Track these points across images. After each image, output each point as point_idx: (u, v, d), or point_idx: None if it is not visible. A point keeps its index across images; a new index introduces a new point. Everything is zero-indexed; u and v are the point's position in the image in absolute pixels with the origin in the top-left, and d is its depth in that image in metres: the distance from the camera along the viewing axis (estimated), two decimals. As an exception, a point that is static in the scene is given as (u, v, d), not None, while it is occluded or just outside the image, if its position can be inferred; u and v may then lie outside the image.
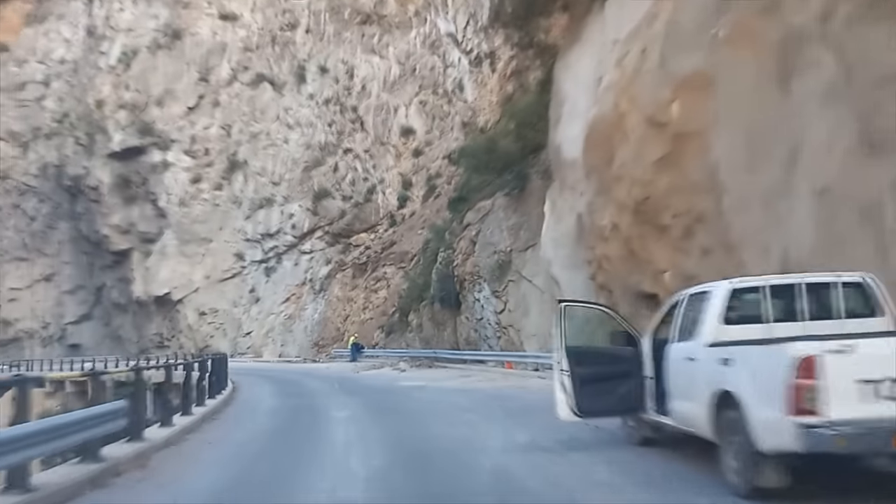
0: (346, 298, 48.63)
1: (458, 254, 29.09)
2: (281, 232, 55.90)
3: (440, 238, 36.43)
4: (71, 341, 68.46)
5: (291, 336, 51.62)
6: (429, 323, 33.91)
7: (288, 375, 27.91)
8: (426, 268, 37.47)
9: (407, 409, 14.29)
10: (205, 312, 56.05)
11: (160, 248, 58.18)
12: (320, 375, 27.46)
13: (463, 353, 27.65)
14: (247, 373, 30.23)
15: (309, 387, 21.84)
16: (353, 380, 24.26)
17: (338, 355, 41.60)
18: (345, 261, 51.90)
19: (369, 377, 25.24)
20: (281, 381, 25.38)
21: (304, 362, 40.62)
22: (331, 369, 31.70)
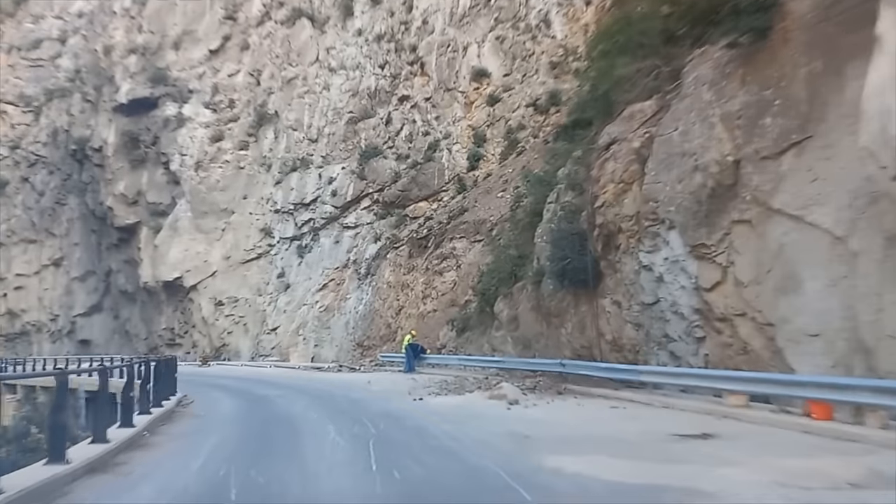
0: (401, 284, 36.13)
1: (597, 193, 16.15)
2: (318, 201, 43.83)
3: (542, 187, 23.72)
4: (81, 336, 58.46)
5: (328, 334, 39.43)
6: (530, 315, 21.12)
7: (295, 405, 15.44)
8: (521, 233, 24.84)
9: None
10: (222, 302, 44.37)
11: (171, 221, 46.85)
12: (352, 402, 14.95)
13: (621, 369, 14.62)
14: (235, 391, 18.16)
15: (308, 447, 9.22)
16: (414, 421, 11.60)
17: (386, 361, 29.12)
18: (399, 236, 39.42)
19: (448, 413, 12.53)
20: (269, 419, 12.95)
21: (340, 370, 28.24)
22: (373, 386, 19.10)
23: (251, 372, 30.70)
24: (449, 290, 31.69)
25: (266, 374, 28.04)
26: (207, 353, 40.92)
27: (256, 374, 28.49)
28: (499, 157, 41.40)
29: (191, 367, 37.84)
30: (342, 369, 28.14)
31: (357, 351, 37.05)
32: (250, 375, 27.67)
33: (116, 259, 52.58)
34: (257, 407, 14.94)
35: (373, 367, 28.50)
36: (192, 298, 45.57)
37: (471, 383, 17.54)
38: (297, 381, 22.75)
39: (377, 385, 19.15)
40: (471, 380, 18.92)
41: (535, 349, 20.46)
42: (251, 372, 30.70)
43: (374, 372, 26.26)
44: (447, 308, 30.55)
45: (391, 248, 39.15)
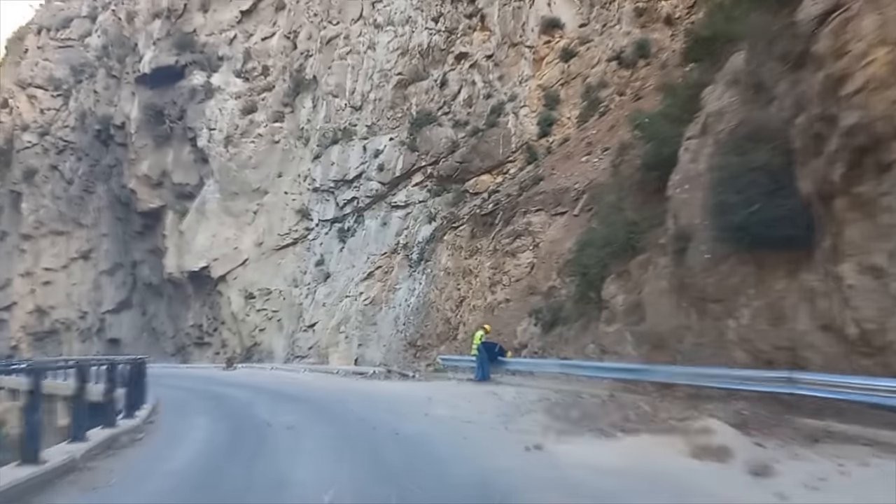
0: (461, 270, 29.65)
1: (839, 73, 9.21)
2: (363, 177, 37.66)
3: (669, 124, 16.99)
4: (110, 335, 53.75)
5: (374, 331, 33.18)
6: (665, 299, 14.38)
7: (300, 456, 8.84)
8: (632, 194, 18.23)
9: None
10: (253, 295, 38.55)
11: (199, 204, 41.28)
12: (407, 450, 8.38)
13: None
14: (232, 410, 11.80)
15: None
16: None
17: (448, 365, 22.59)
18: (458, 215, 32.95)
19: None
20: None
21: (388, 376, 21.86)
22: (437, 408, 12.43)
23: (278, 379, 24.59)
24: (525, 274, 25.02)
25: (294, 384, 21.82)
26: (233, 355, 35.11)
27: (283, 382, 22.33)
28: (576, 120, 34.55)
29: (212, 372, 32.07)
30: (391, 375, 21.74)
31: (409, 352, 30.73)
32: (273, 384, 21.53)
33: (141, 249, 47.44)
34: (235, 458, 8.53)
35: (430, 374, 22.01)
36: (220, 291, 39.88)
37: (596, 406, 10.89)
38: (328, 396, 16.43)
39: (443, 405, 12.60)
40: (587, 398, 12.29)
41: (677, 351, 13.66)
42: (278, 379, 24.59)
43: (434, 380, 19.76)
44: (525, 297, 23.89)
45: (449, 228, 32.67)
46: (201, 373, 31.49)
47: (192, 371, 33.48)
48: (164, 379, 27.97)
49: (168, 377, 29.27)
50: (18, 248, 62.22)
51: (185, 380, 26.09)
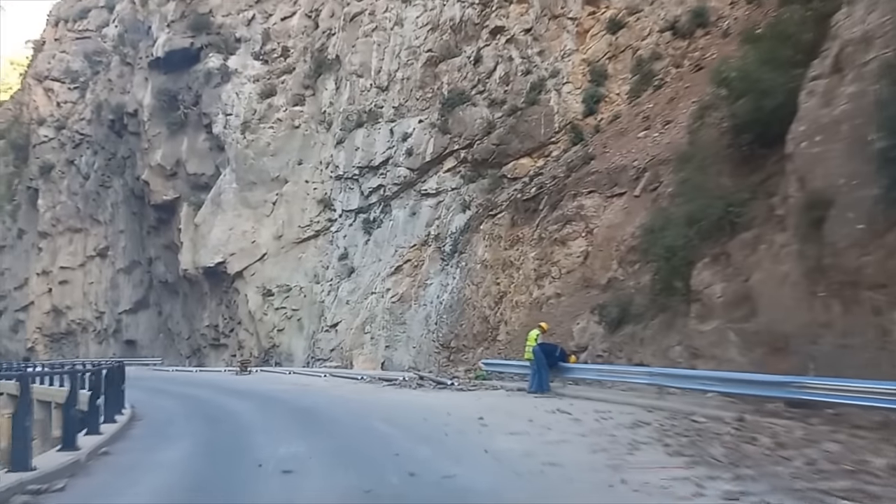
0: (501, 263, 26.32)
1: None
2: (390, 163, 34.49)
3: (772, 72, 13.49)
4: (127, 336, 51.42)
5: (403, 331, 29.97)
6: (787, 290, 10.91)
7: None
8: (719, 163, 14.76)
9: None
10: (271, 292, 35.57)
11: (214, 195, 38.45)
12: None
13: None
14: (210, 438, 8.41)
15: None
16: None
17: (492, 371, 19.21)
18: (495, 202, 29.64)
19: None
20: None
21: (420, 384, 18.56)
22: (497, 439, 8.99)
23: (294, 386, 21.47)
24: (578, 264, 21.59)
25: (311, 393, 18.66)
26: (247, 358, 32.09)
27: (298, 391, 19.19)
28: (626, 95, 30.97)
29: (223, 377, 29.11)
30: (424, 383, 18.42)
31: (441, 354, 27.49)
32: (287, 393, 18.39)
33: (156, 244, 44.79)
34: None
35: (471, 381, 18.66)
36: (236, 288, 36.98)
37: (738, 438, 7.46)
38: (349, 413, 13.24)
39: (502, 431, 9.25)
40: (707, 422, 8.88)
41: (809, 356, 10.20)
42: (294, 386, 21.47)
43: (476, 389, 16.43)
44: (579, 291, 20.49)
45: (485, 217, 29.36)
46: (211, 378, 28.58)
47: (201, 376, 30.58)
48: (167, 385, 25.11)
49: (172, 383, 26.40)
50: (36, 246, 60.34)
51: (189, 387, 23.12)
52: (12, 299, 63.34)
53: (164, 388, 23.58)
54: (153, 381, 28.38)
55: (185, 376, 31.18)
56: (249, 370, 29.86)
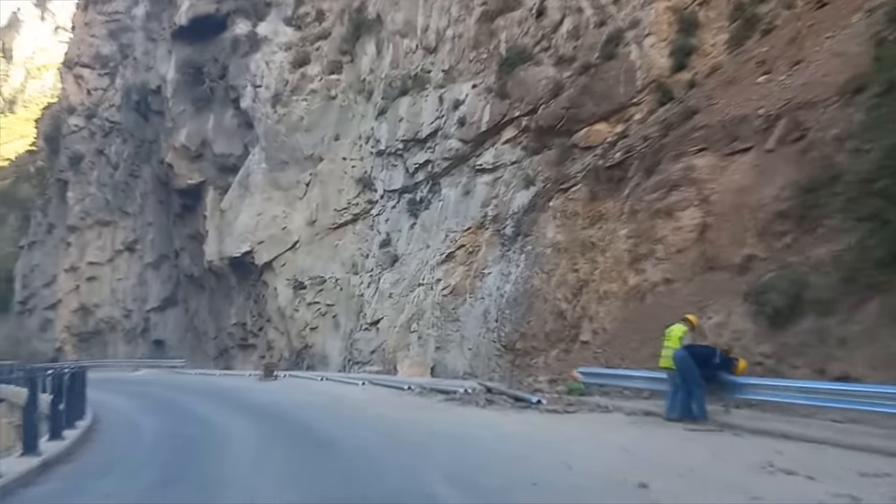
0: (580, 245, 21.26)
1: None
2: (439, 135, 29.68)
3: None
4: (155, 336, 47.89)
5: (456, 330, 25.10)
6: None
7: None
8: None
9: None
10: (303, 285, 31.07)
11: (242, 177, 34.18)
12: None
13: None
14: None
15: None
16: None
17: (592, 383, 14.00)
18: (567, 174, 24.59)
19: None
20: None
21: (492, 399, 13.51)
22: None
23: (324, 399, 16.77)
24: (693, 240, 16.38)
25: (342, 412, 13.90)
26: (271, 361, 27.51)
27: (327, 408, 14.47)
28: (725, 45, 25.56)
29: (245, 384, 24.64)
30: (494, 399, 13.37)
31: (504, 358, 22.57)
32: (311, 411, 13.69)
33: (181, 234, 40.81)
34: None
35: (563, 396, 13.53)
36: (265, 281, 32.59)
37: None
38: (390, 447, 8.24)
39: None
40: None
41: None
42: (324, 399, 16.77)
43: (577, 411, 11.38)
44: (700, 274, 15.34)
45: (555, 192, 24.30)
46: (230, 385, 24.12)
47: (221, 383, 26.21)
48: (175, 394, 20.76)
49: (182, 391, 22.01)
50: (64, 241, 57.44)
51: (196, 397, 18.69)
52: (41, 297, 60.60)
53: (164, 399, 19.22)
54: (160, 387, 24.13)
55: (203, 382, 26.86)
56: (275, 375, 25.33)
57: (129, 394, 21.82)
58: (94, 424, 12.87)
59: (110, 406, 18.16)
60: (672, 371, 10.20)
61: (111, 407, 17.98)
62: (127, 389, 24.11)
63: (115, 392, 22.90)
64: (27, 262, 63.72)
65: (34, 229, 64.90)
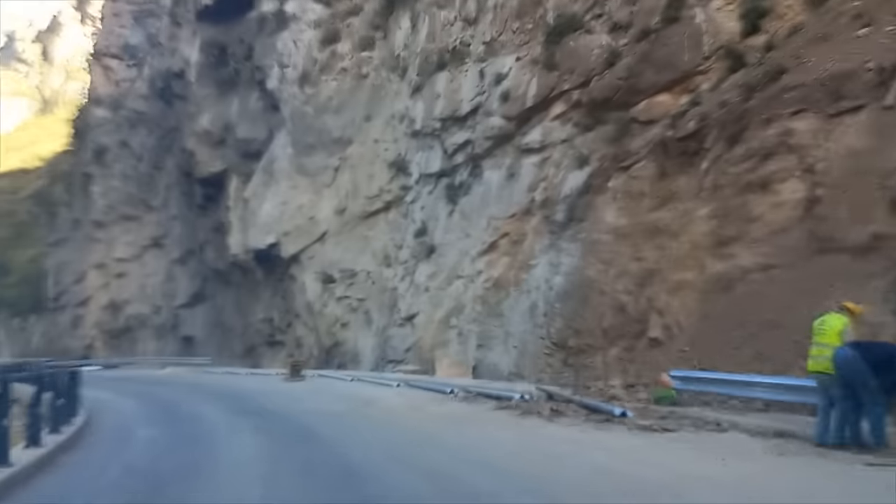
0: (646, 229, 18.54)
1: None
2: (480, 112, 27.04)
3: None
4: (184, 332, 46.13)
5: (500, 326, 22.48)
6: None
7: None
8: None
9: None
10: (333, 278, 28.74)
11: (266, 163, 32.01)
12: None
13: None
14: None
15: None
16: None
17: (689, 390, 11.20)
18: (629, 149, 21.70)
19: None
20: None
21: (558, 409, 10.87)
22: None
23: (349, 404, 14.31)
24: (797, 217, 13.52)
25: (367, 419, 11.41)
26: (298, 360, 25.07)
27: (350, 412, 11.96)
28: (803, 4, 22.47)
29: (268, 384, 22.34)
30: (560, 408, 10.72)
31: (555, 357, 19.95)
32: (331, 418, 11.25)
33: (204, 227, 38.82)
34: None
35: (645, 405, 10.80)
36: (292, 275, 30.34)
37: None
38: (439, 489, 5.55)
39: None
40: None
41: None
42: (349, 404, 14.31)
43: (678, 428, 8.67)
44: (810, 258, 12.47)
45: (614, 171, 21.52)
46: (253, 385, 21.84)
47: (243, 382, 23.98)
48: (189, 398, 18.47)
49: (199, 392, 19.75)
50: (91, 237, 56.19)
51: (210, 401, 16.45)
52: (71, 294, 59.47)
53: (173, 402, 16.98)
54: (177, 388, 21.95)
55: (225, 382, 24.64)
56: (302, 375, 22.98)
57: (141, 395, 19.69)
58: (78, 434, 10.63)
59: (114, 409, 16.07)
60: (828, 378, 7.48)
61: (115, 409, 15.90)
62: (142, 390, 22.04)
63: (128, 393, 20.84)
64: (56, 259, 62.78)
65: (61, 225, 63.94)
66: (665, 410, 9.98)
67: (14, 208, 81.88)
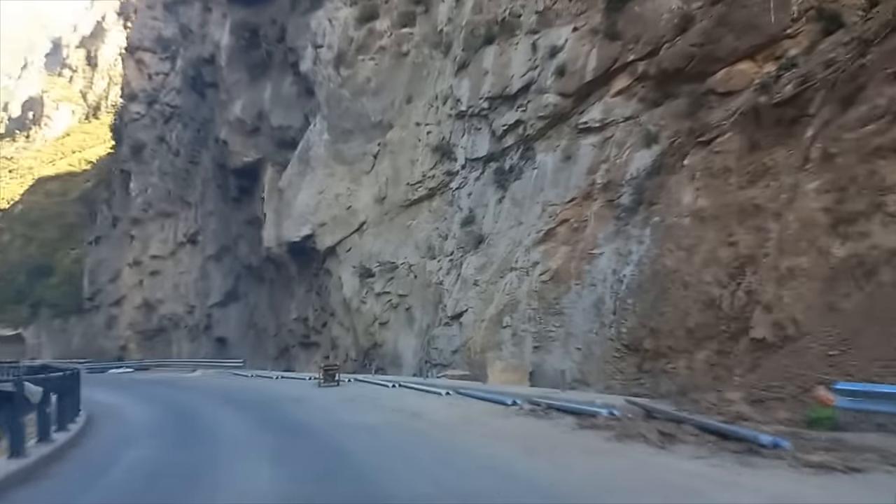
0: (735, 210, 15.79)
1: None
2: (532, 89, 24.48)
3: None
4: (217, 333, 44.56)
5: (559, 325, 19.87)
6: None
7: None
8: None
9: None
10: (371, 272, 26.43)
11: (301, 151, 29.85)
12: None
13: None
14: None
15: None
16: None
17: (858, 408, 8.43)
18: (707, 123, 18.91)
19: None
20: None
21: (667, 431, 8.30)
22: None
23: (392, 413, 11.89)
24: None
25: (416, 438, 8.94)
26: (332, 364, 22.70)
27: (390, 427, 9.56)
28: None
29: (299, 389, 20.12)
30: (668, 433, 8.04)
31: (627, 360, 17.38)
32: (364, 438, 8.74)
33: (237, 220, 36.91)
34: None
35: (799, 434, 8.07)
36: (328, 269, 28.15)
37: None
38: None
39: None
40: None
41: None
42: (392, 413, 11.89)
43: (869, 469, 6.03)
44: None
45: (691, 147, 18.79)
46: (283, 391, 19.62)
47: (273, 387, 21.80)
48: (210, 406, 16.29)
49: (223, 400, 17.61)
50: (127, 234, 55.14)
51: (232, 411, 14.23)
52: (106, 294, 58.55)
53: (191, 410, 14.84)
54: (201, 394, 19.88)
55: (254, 387, 22.51)
56: (337, 380, 20.69)
57: (159, 401, 17.63)
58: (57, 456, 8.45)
59: (121, 416, 13.97)
60: None
61: (124, 418, 13.85)
62: (162, 395, 20.05)
63: (145, 398, 18.85)
64: (94, 257, 62.01)
65: (100, 223, 63.20)
66: (827, 437, 7.38)
67: (63, 210, 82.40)
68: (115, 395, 19.46)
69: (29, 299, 74.33)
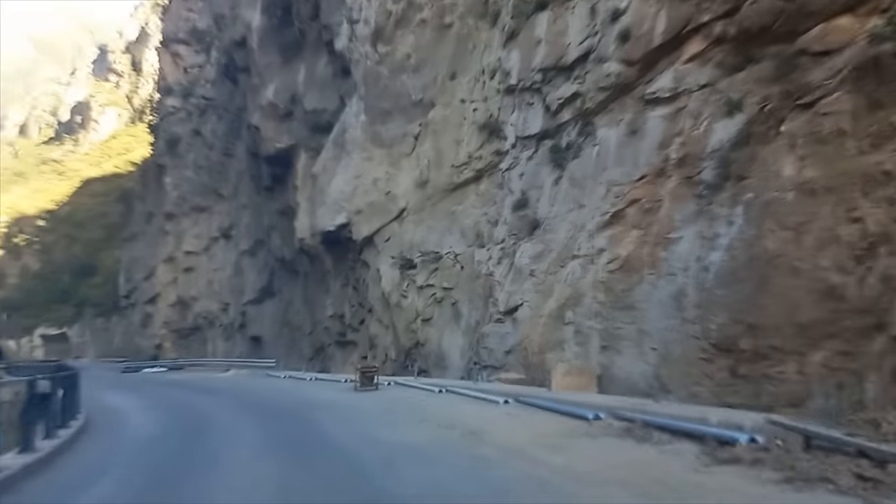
0: (857, 180, 12.92)
1: None
2: (591, 58, 21.85)
3: None
4: (252, 331, 42.96)
5: (632, 321, 17.23)
6: None
7: None
8: None
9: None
10: (413, 263, 24.10)
11: (337, 134, 27.71)
12: None
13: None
14: None
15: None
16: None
17: None
18: (806, 85, 16.03)
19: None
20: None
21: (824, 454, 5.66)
22: None
23: (439, 427, 9.49)
24: None
25: (467, 474, 6.49)
26: (368, 366, 20.39)
27: (450, 454, 7.04)
28: None
29: (334, 393, 17.88)
30: (863, 476, 5.54)
31: (717, 363, 14.76)
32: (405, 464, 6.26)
33: (270, 210, 34.96)
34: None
35: None
36: (366, 261, 25.89)
37: None
38: None
39: None
40: None
41: None
42: (439, 427, 9.49)
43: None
44: None
45: (788, 112, 15.98)
46: (315, 396, 17.53)
47: (305, 391, 19.69)
48: (233, 412, 14.14)
49: (248, 405, 15.51)
50: (162, 229, 54.03)
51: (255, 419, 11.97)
52: (141, 291, 57.58)
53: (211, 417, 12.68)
54: (227, 397, 17.84)
55: (285, 390, 20.38)
56: (375, 383, 18.37)
57: (176, 408, 15.62)
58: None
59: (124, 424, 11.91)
60: None
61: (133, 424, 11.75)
62: (183, 399, 18.12)
63: (162, 403, 16.90)
64: (130, 254, 61.17)
65: (135, 220, 62.39)
66: None
67: (106, 210, 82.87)
68: (129, 399, 17.54)
69: (73, 299, 74.55)
